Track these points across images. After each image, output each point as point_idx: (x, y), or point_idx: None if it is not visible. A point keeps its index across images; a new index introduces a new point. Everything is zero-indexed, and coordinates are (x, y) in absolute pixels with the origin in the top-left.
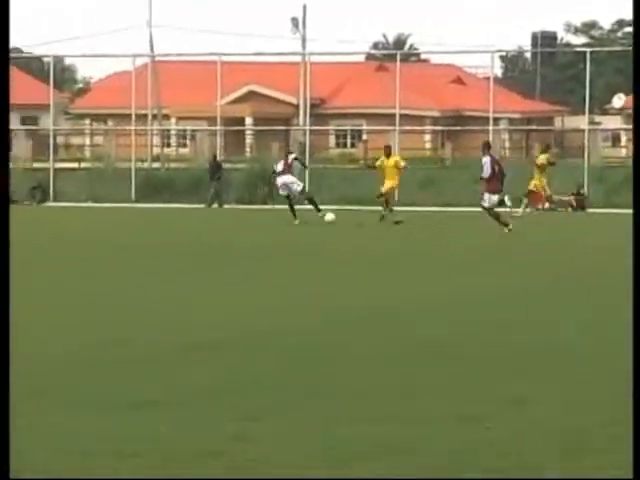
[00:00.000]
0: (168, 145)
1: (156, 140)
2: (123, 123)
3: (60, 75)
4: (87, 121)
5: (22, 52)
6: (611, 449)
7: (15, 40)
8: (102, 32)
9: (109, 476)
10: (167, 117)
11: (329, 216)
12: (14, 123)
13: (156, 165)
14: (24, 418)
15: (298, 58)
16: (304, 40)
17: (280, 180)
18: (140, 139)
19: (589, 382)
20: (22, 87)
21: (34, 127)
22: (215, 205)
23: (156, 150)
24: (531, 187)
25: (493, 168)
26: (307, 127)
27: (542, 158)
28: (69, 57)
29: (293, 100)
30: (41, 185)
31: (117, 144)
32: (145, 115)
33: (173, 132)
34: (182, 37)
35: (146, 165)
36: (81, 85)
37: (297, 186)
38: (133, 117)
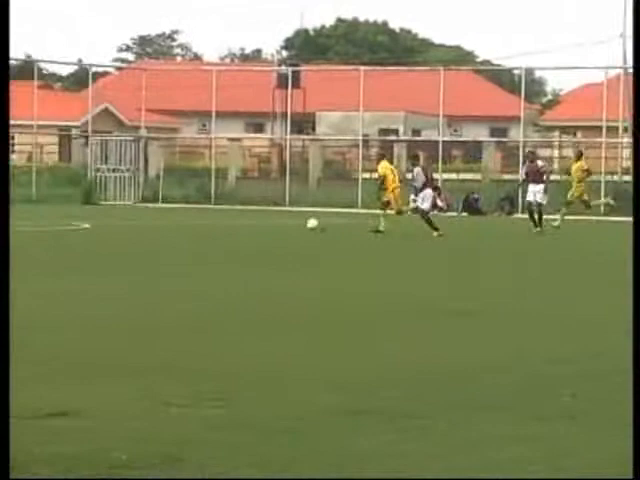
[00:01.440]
0: None
1: (626, 153)
2: (592, 135)
3: (530, 87)
4: (556, 133)
5: (492, 64)
6: None
7: (486, 54)
8: (573, 44)
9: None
10: None
11: (311, 222)
12: (483, 135)
13: (626, 178)
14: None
15: None
16: None
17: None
18: (610, 151)
19: None
20: (492, 99)
21: (504, 139)
22: None
23: (626, 163)
24: (569, 198)
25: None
26: None
27: (576, 167)
28: (540, 69)
29: None
30: (509, 196)
31: (586, 156)
32: (616, 127)
33: None
34: None
35: (616, 178)
36: (550, 97)
37: (420, 202)
38: (604, 129)
